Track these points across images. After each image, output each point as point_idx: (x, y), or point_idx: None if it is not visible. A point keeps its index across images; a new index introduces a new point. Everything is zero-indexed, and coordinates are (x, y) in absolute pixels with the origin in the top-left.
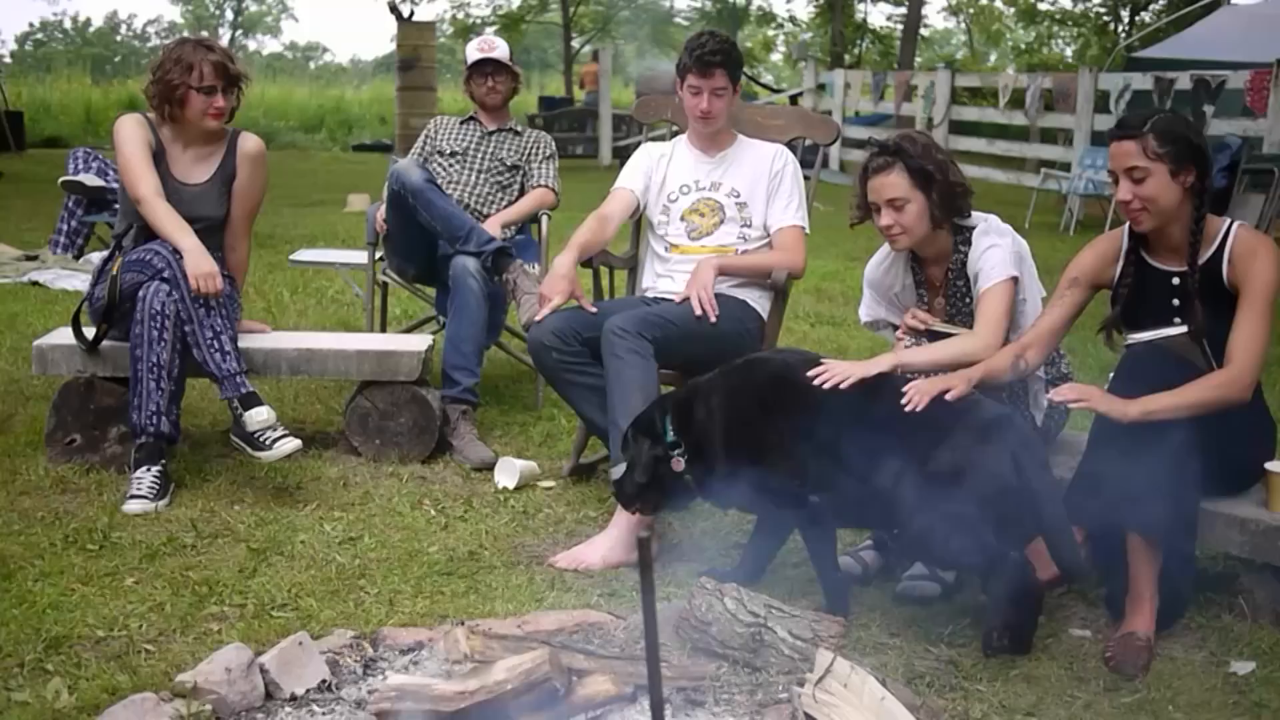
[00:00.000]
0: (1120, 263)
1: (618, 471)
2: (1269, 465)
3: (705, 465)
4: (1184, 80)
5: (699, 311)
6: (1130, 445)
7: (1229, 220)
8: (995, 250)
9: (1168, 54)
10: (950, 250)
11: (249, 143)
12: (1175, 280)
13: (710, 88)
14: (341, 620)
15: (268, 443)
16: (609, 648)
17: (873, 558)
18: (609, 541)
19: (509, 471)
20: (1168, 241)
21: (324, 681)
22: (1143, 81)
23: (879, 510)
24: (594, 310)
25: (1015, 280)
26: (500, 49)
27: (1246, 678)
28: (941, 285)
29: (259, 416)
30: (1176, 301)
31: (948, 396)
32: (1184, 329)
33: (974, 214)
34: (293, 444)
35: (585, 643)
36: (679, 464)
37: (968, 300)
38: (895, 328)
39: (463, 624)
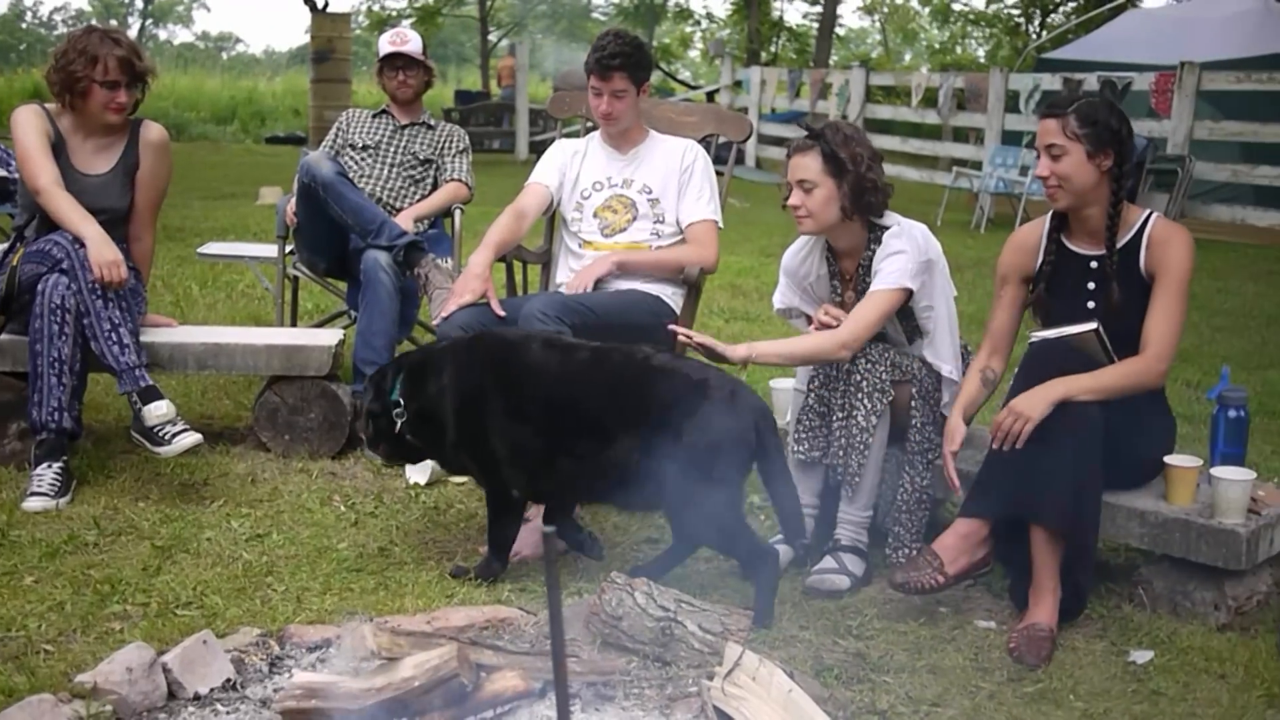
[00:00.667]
0: (1043, 245)
1: None
2: (1168, 459)
3: (424, 430)
4: (1091, 81)
5: (568, 289)
6: (1034, 439)
7: (1148, 210)
8: (899, 257)
9: (1076, 55)
10: (864, 246)
11: (152, 131)
12: (1093, 264)
13: (610, 90)
14: (248, 618)
15: (167, 438)
16: (519, 643)
17: (784, 552)
18: (537, 533)
19: (420, 467)
20: (1087, 225)
21: (229, 680)
22: (1052, 82)
23: (625, 486)
24: (502, 315)
25: (909, 293)
26: (413, 43)
27: (1145, 666)
28: (852, 279)
29: (158, 411)
30: (1093, 285)
31: (949, 455)
32: (1089, 327)
33: (895, 216)
34: (192, 438)
35: (495, 639)
36: (398, 425)
37: None
38: (808, 318)
39: (371, 621)
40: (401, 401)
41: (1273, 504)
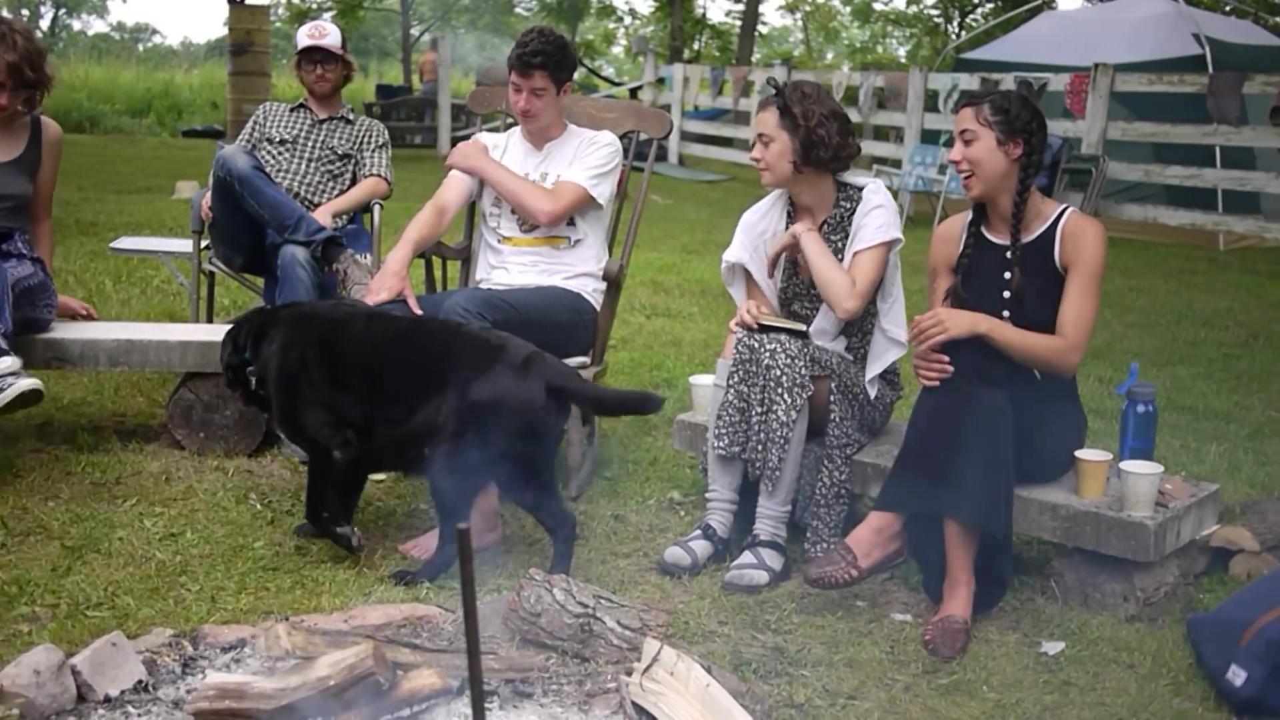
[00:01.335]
0: (963, 236)
1: None
2: (1079, 453)
3: (265, 389)
4: (1008, 81)
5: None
6: (945, 435)
7: (1064, 204)
8: (882, 211)
9: (994, 56)
10: (830, 204)
11: (52, 131)
12: (1009, 254)
13: (529, 87)
14: (160, 619)
15: (4, 389)
16: (436, 641)
17: (703, 547)
18: None
19: None
20: (1003, 214)
21: (140, 682)
22: (970, 82)
23: (423, 451)
24: (419, 313)
25: (896, 243)
26: (331, 36)
27: (1056, 657)
28: None
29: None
30: (1009, 275)
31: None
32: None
33: (865, 178)
34: (27, 383)
35: (412, 636)
36: (252, 382)
37: (839, 254)
38: (748, 274)
39: (286, 619)
40: (251, 359)
41: (1180, 497)
